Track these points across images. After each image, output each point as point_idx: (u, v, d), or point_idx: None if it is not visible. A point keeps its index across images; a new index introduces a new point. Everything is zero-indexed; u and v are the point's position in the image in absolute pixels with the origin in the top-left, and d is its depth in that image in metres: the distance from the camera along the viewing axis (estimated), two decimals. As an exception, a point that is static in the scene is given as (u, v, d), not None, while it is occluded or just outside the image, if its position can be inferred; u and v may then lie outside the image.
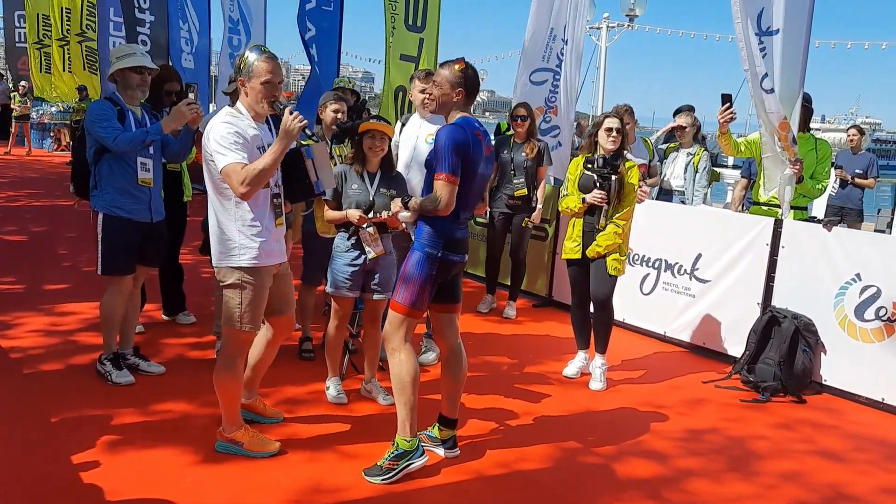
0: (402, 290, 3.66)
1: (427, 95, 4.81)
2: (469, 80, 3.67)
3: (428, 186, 3.69)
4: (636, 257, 6.47)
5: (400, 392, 3.66)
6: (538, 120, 7.24)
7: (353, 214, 4.28)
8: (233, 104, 3.71)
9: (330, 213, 4.40)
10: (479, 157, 3.66)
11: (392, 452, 3.64)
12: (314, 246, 5.12)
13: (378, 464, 3.64)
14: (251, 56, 3.53)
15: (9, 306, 5.92)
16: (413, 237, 3.79)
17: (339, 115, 5.08)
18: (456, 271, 3.82)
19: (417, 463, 3.66)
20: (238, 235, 3.53)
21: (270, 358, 4.02)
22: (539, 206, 6.61)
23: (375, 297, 4.46)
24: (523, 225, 6.61)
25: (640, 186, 5.15)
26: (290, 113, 3.41)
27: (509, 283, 6.99)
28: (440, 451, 3.92)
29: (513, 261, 6.93)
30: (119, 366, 4.57)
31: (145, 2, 11.42)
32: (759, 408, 4.98)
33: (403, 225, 4.23)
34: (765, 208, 5.95)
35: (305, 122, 3.43)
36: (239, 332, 3.62)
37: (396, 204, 3.74)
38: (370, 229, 4.31)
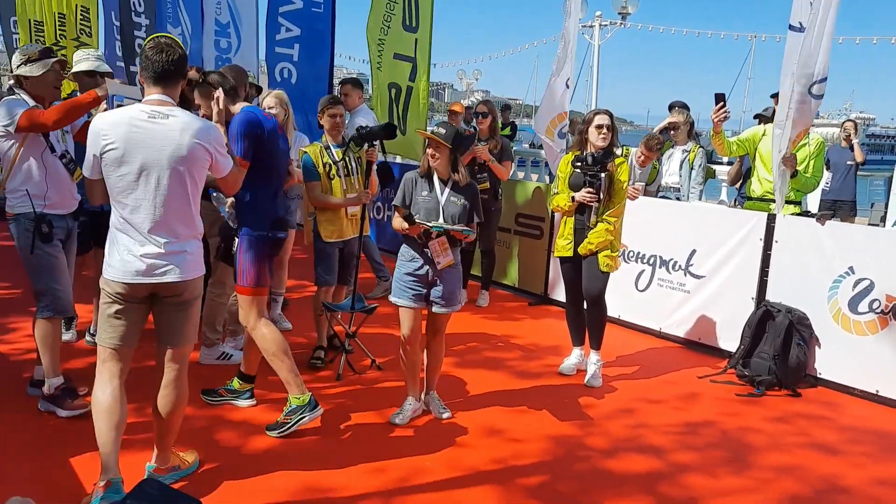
0: (244, 275, 4.03)
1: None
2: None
3: None
4: (631, 254, 6.49)
5: (275, 360, 4.06)
6: (560, 126, 7.24)
7: (397, 224, 4.19)
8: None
9: (395, 222, 4.21)
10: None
11: (287, 409, 4.05)
12: (324, 249, 5.13)
13: (277, 420, 4.05)
14: None
15: (6, 311, 5.94)
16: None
17: (338, 120, 5.13)
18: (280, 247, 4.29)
19: (310, 416, 4.04)
20: None
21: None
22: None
23: (435, 308, 4.28)
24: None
25: (631, 183, 5.16)
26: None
27: (480, 275, 7.26)
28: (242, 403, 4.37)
29: (482, 252, 7.22)
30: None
31: (140, 5, 11.43)
32: (754, 402, 5.00)
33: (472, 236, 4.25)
34: (759, 203, 5.97)
35: None
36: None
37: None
38: (440, 239, 4.14)
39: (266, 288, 4.17)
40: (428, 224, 4.12)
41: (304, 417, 4.02)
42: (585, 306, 5.19)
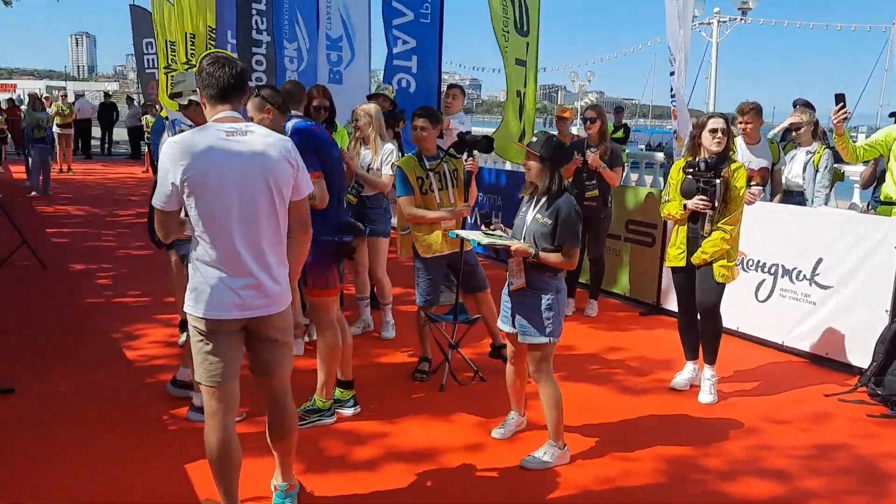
0: (313, 279, 4.04)
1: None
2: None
3: None
4: (750, 262, 6.15)
5: (324, 364, 4.23)
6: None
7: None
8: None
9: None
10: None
11: (308, 406, 4.26)
12: (421, 266, 5.09)
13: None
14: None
15: (134, 318, 6.30)
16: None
17: (420, 133, 5.03)
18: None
19: (326, 421, 4.28)
20: None
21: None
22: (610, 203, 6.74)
23: (507, 328, 4.04)
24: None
25: (748, 188, 4.87)
26: None
27: (589, 283, 7.03)
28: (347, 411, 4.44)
29: (591, 261, 6.96)
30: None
31: (263, 23, 11.93)
32: (889, 423, 4.61)
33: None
34: (894, 208, 5.52)
35: None
36: None
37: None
38: (516, 258, 3.89)
39: (334, 290, 4.29)
40: (467, 238, 4.13)
41: (321, 420, 4.27)
42: (699, 318, 4.95)
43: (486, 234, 4.15)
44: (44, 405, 4.48)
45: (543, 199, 3.87)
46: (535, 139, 3.91)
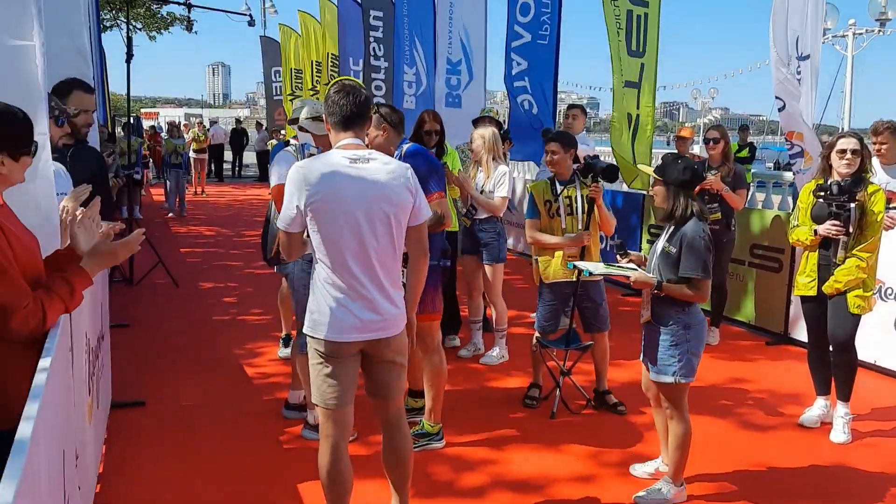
0: (419, 304, 3.73)
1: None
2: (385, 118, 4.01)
3: None
4: (889, 291, 5.70)
5: (430, 388, 4.31)
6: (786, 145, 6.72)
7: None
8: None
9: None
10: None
11: (417, 430, 4.25)
12: (541, 291, 5.04)
13: None
14: None
15: (256, 335, 6.56)
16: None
17: (551, 157, 4.90)
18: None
19: (435, 445, 4.27)
20: None
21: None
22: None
23: (649, 371, 3.83)
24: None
25: (887, 211, 4.51)
26: None
27: (710, 310, 6.55)
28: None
29: (712, 287, 6.47)
30: None
31: (380, 49, 12.30)
32: None
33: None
34: None
35: None
36: None
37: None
38: (644, 290, 3.77)
39: (439, 314, 4.37)
40: (584, 268, 4.06)
41: (430, 444, 4.28)
42: (832, 351, 4.62)
43: (608, 265, 4.05)
44: (170, 417, 4.72)
45: (672, 226, 3.68)
46: (660, 162, 3.74)
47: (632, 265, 3.84)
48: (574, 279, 4.81)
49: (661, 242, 3.72)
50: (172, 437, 4.43)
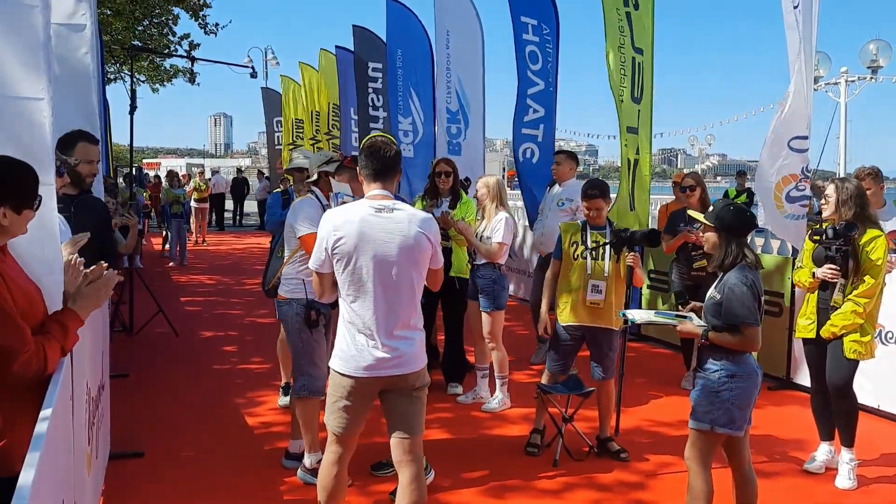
0: None
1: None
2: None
3: None
4: (889, 335, 5.69)
5: None
6: (787, 188, 6.69)
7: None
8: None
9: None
10: None
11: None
12: (556, 332, 5.01)
13: None
14: None
15: (256, 385, 6.53)
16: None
17: (590, 212, 4.92)
18: None
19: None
20: None
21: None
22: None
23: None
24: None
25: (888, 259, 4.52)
26: None
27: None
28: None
29: None
30: None
31: (379, 100, 12.50)
32: None
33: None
34: None
35: None
36: None
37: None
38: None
39: None
40: (633, 318, 3.97)
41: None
42: (832, 397, 4.60)
43: (657, 313, 4.07)
44: (169, 468, 4.67)
45: (722, 274, 3.59)
46: (711, 208, 3.69)
47: (692, 314, 3.78)
48: (596, 324, 4.89)
49: (711, 289, 3.63)
50: (171, 488, 4.38)
